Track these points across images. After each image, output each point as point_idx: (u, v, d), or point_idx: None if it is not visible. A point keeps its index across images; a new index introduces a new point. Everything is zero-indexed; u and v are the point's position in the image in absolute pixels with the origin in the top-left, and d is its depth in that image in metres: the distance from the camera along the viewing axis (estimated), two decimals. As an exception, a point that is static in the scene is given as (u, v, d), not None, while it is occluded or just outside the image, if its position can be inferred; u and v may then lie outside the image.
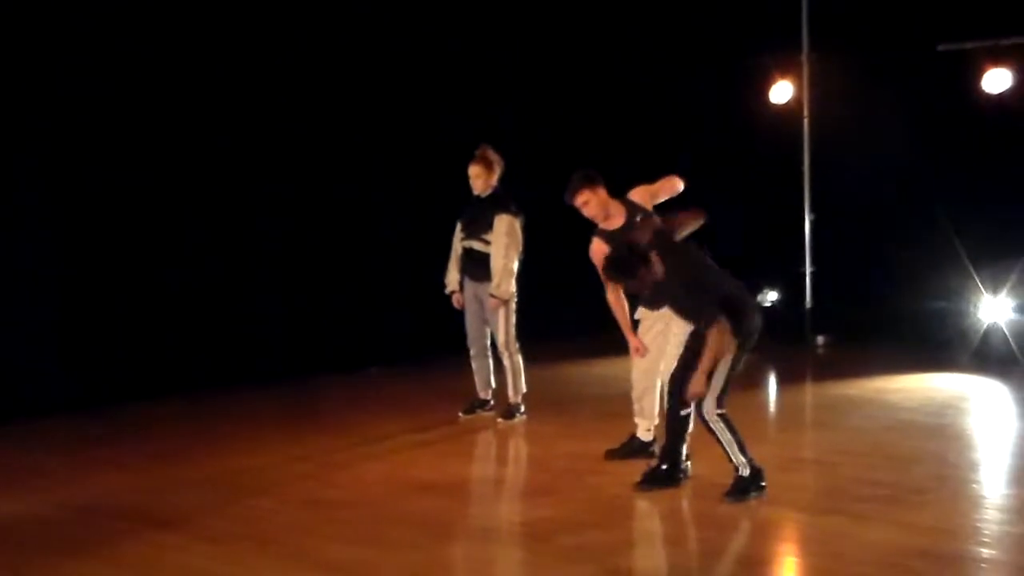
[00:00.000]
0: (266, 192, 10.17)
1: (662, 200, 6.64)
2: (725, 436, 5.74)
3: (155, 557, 4.96)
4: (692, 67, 13.25)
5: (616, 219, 6.49)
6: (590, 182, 6.44)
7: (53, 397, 8.52)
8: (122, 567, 4.84)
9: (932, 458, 6.77)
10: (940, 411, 8.41)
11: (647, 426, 6.77)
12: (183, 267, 9.53)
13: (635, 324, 6.60)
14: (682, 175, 6.61)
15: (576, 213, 6.53)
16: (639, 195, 6.63)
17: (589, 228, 6.60)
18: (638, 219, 6.42)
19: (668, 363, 6.33)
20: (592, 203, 6.42)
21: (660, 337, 6.48)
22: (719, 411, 5.76)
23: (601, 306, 6.59)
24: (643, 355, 6.57)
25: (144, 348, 9.25)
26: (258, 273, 10.15)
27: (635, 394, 6.74)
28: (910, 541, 4.96)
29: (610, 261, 5.81)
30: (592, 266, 6.35)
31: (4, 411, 8.12)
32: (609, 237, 6.39)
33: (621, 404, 8.90)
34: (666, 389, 6.29)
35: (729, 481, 5.75)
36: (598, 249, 6.35)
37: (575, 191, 6.41)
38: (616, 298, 6.50)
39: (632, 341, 6.57)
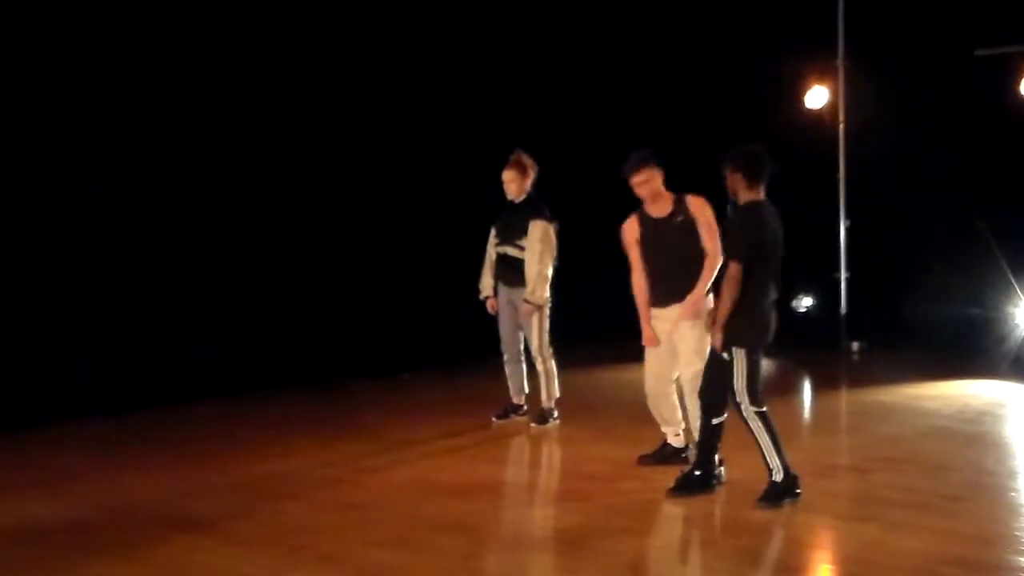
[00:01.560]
0: (299, 199, 10.23)
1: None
2: (763, 437, 5.73)
3: (186, 560, 4.98)
4: (727, 73, 13.21)
5: (662, 207, 6.52)
6: (652, 162, 6.53)
7: (87, 401, 8.60)
8: (153, 569, 4.86)
9: (969, 465, 6.71)
10: (977, 418, 8.34)
11: (675, 431, 6.74)
12: (216, 273, 9.60)
13: None
14: (718, 179, 6.56)
15: (611, 214, 6.56)
16: (697, 204, 6.60)
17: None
18: (680, 218, 6.47)
19: (683, 366, 6.38)
20: (650, 183, 6.48)
21: (667, 338, 6.48)
22: (756, 409, 5.74)
23: (634, 311, 6.58)
24: (654, 345, 6.52)
25: (177, 353, 9.32)
26: (290, 278, 10.21)
27: (649, 402, 6.72)
28: (946, 549, 4.91)
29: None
30: (621, 258, 6.39)
31: (39, 414, 8.20)
32: (646, 220, 6.51)
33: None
34: (687, 393, 6.29)
35: (763, 487, 5.72)
36: (630, 227, 6.53)
37: (637, 167, 6.47)
38: (640, 282, 6.50)
39: (645, 330, 6.55)
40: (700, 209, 6.56)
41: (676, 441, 6.75)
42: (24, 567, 4.92)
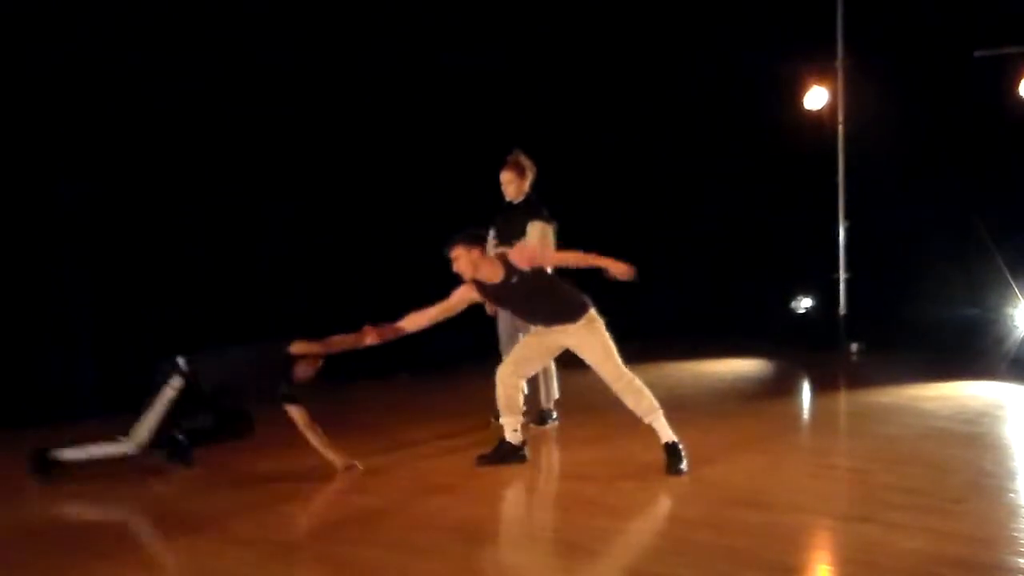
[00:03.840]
0: (296, 199, 10.23)
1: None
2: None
3: (187, 561, 4.98)
4: (726, 73, 13.23)
5: (494, 274, 6.70)
6: (466, 241, 6.66)
7: (88, 401, 8.60)
8: (155, 570, 4.87)
9: (968, 467, 6.70)
10: (976, 419, 8.33)
11: (514, 426, 6.92)
12: (216, 273, 9.60)
13: None
14: (717, 180, 6.60)
15: (611, 214, 6.59)
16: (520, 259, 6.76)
17: (635, 229, 6.63)
18: (515, 279, 6.67)
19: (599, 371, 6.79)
20: (462, 260, 6.66)
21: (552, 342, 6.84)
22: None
23: (634, 312, 6.60)
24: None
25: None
26: (288, 278, 10.20)
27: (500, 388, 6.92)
28: (945, 550, 4.90)
29: None
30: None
31: (39, 415, 8.20)
32: (485, 288, 6.74)
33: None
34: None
35: (760, 490, 5.71)
36: (468, 291, 6.77)
37: (450, 245, 6.69)
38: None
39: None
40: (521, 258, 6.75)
41: (514, 438, 6.87)
42: (25, 567, 4.92)
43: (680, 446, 6.51)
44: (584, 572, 4.78)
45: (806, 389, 10.57)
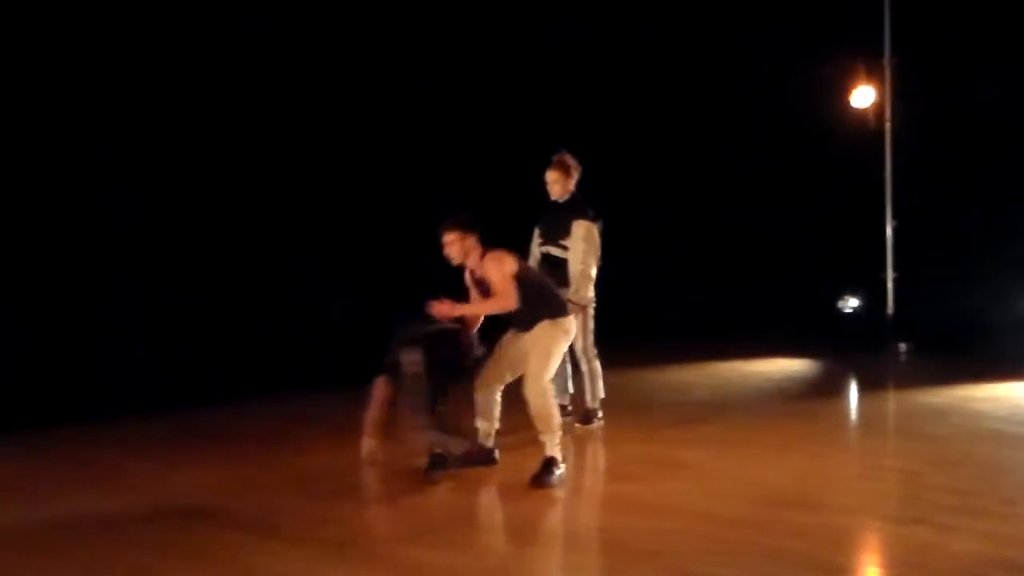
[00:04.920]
0: (341, 196, 10.28)
1: None
2: None
3: (236, 557, 5.00)
4: (774, 71, 13.15)
5: (475, 263, 6.70)
6: (463, 226, 6.64)
7: (134, 399, 8.70)
8: (204, 567, 4.89)
9: (1021, 468, 6.62)
10: (1029, 421, 8.22)
11: (488, 432, 6.89)
12: (265, 272, 9.68)
13: None
14: (764, 179, 6.55)
15: (661, 220, 6.56)
16: (486, 264, 6.69)
17: (683, 228, 6.59)
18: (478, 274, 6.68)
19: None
20: (456, 245, 6.63)
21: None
22: None
23: (679, 311, 6.55)
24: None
25: (227, 351, 9.40)
26: (338, 276, 10.26)
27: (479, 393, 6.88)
28: (998, 553, 4.84)
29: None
30: (661, 258, 6.43)
31: (87, 412, 8.31)
32: (472, 276, 6.79)
33: (700, 410, 8.90)
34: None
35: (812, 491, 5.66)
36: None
37: (446, 227, 6.66)
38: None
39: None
40: (486, 268, 6.66)
41: (488, 441, 6.84)
42: (73, 565, 4.97)
43: (558, 466, 6.42)
44: (630, 572, 4.76)
45: (854, 389, 10.47)
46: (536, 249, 8.11)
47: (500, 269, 6.57)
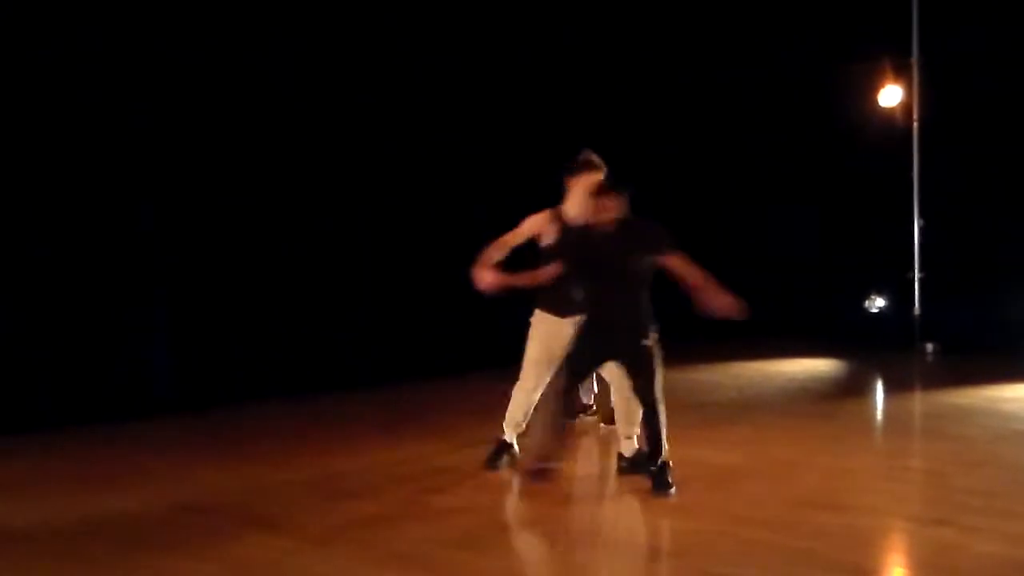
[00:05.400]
0: (366, 198, 10.32)
1: None
2: None
3: (256, 557, 5.03)
4: (801, 69, 13.11)
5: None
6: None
7: (159, 399, 8.77)
8: (224, 566, 4.90)
9: (1048, 470, 6.60)
10: (1056, 421, 8.19)
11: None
12: (285, 273, 9.71)
13: None
14: (789, 178, 6.55)
15: (687, 219, 6.56)
16: None
17: (709, 228, 6.58)
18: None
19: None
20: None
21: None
22: None
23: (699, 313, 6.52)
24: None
25: (248, 352, 9.44)
26: (360, 277, 10.30)
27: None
28: (1021, 554, 4.84)
29: None
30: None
31: (112, 412, 8.38)
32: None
33: (726, 410, 8.89)
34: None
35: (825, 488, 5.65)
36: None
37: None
38: None
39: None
40: None
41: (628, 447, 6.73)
42: (97, 564, 5.01)
43: (510, 450, 6.65)
44: (657, 573, 4.78)
45: (880, 390, 10.44)
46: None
47: None
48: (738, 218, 13.78)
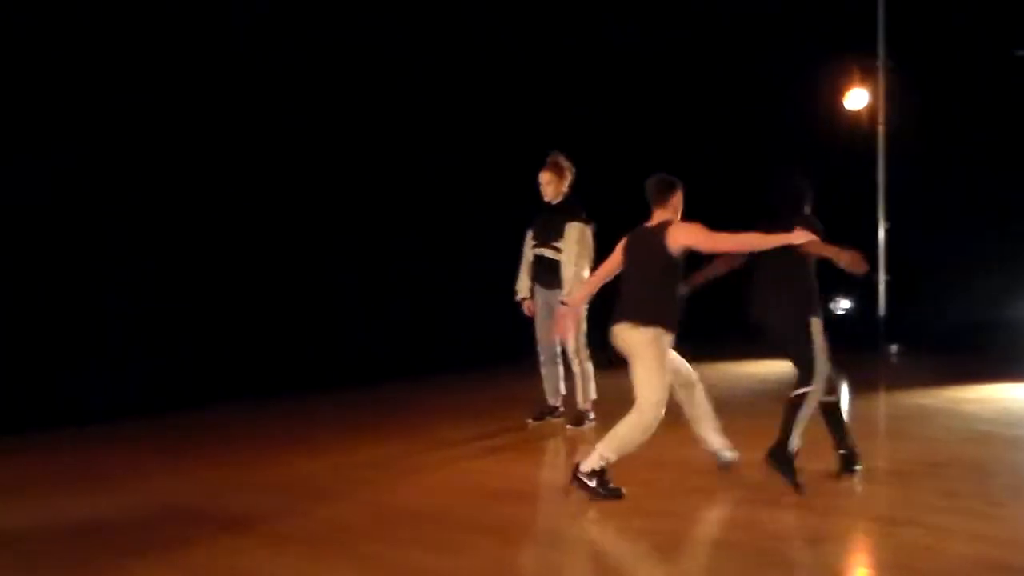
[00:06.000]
0: (335, 201, 10.28)
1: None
2: None
3: (222, 560, 5.00)
4: (767, 72, 13.18)
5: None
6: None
7: (125, 402, 8.70)
8: (189, 570, 4.88)
9: (1010, 470, 6.65)
10: (1018, 422, 8.26)
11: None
12: (250, 275, 9.68)
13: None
14: (755, 180, 6.61)
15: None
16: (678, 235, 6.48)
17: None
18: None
19: None
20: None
21: None
22: None
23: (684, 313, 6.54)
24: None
25: (212, 355, 9.39)
26: (322, 280, 10.26)
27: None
28: (987, 554, 4.86)
29: None
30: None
31: (76, 415, 8.31)
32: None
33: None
34: None
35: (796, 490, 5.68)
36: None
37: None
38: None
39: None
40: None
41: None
42: (61, 566, 4.97)
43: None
44: (621, 573, 4.77)
45: (845, 391, 10.49)
46: (529, 251, 8.12)
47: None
48: (703, 219, 13.80)
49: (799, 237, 6.07)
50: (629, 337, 6.20)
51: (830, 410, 6.42)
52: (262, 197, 9.71)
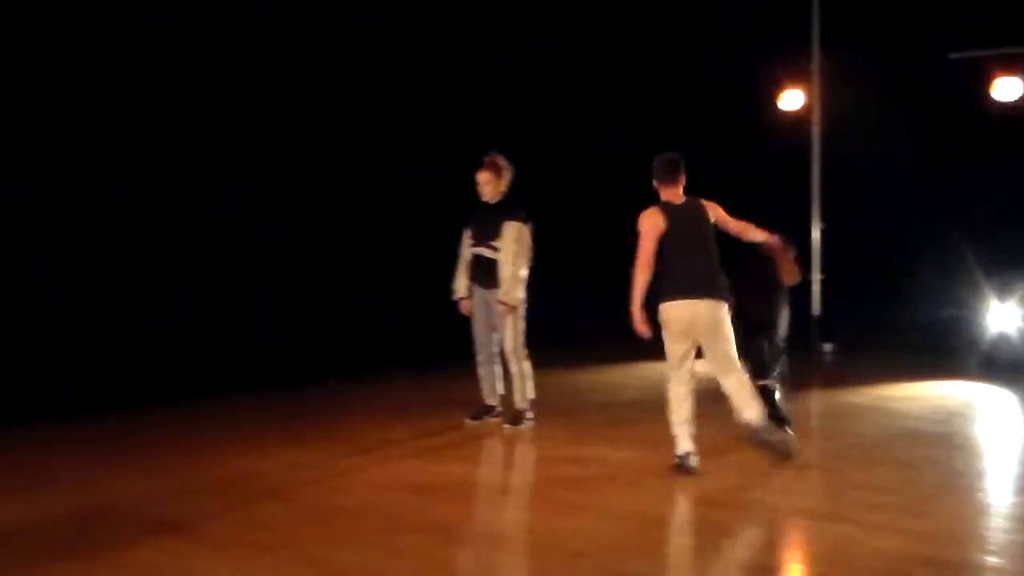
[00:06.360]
0: (267, 201, 10.20)
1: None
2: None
3: (161, 562, 4.95)
4: (702, 74, 13.28)
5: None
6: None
7: (63, 403, 8.57)
8: (128, 571, 4.84)
9: (939, 466, 6.76)
10: (947, 419, 8.41)
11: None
12: (185, 276, 9.57)
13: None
14: (691, 181, 6.68)
15: (587, 217, 6.62)
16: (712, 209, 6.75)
17: (602, 234, 6.64)
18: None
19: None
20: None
21: None
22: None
23: (609, 314, 6.60)
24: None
25: (149, 355, 9.28)
26: (260, 280, 10.18)
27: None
28: (916, 549, 4.95)
29: None
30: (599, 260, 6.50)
31: (15, 415, 8.18)
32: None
33: (630, 410, 8.97)
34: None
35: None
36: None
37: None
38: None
39: None
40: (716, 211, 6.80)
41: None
42: (-6, 569, 4.90)
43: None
44: (558, 572, 4.79)
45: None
46: (466, 251, 8.13)
47: (641, 225, 6.63)
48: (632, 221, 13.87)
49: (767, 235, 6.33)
50: (715, 314, 6.44)
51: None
52: (193, 195, 9.59)
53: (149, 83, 9.20)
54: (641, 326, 6.50)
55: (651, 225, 6.50)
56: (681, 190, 6.66)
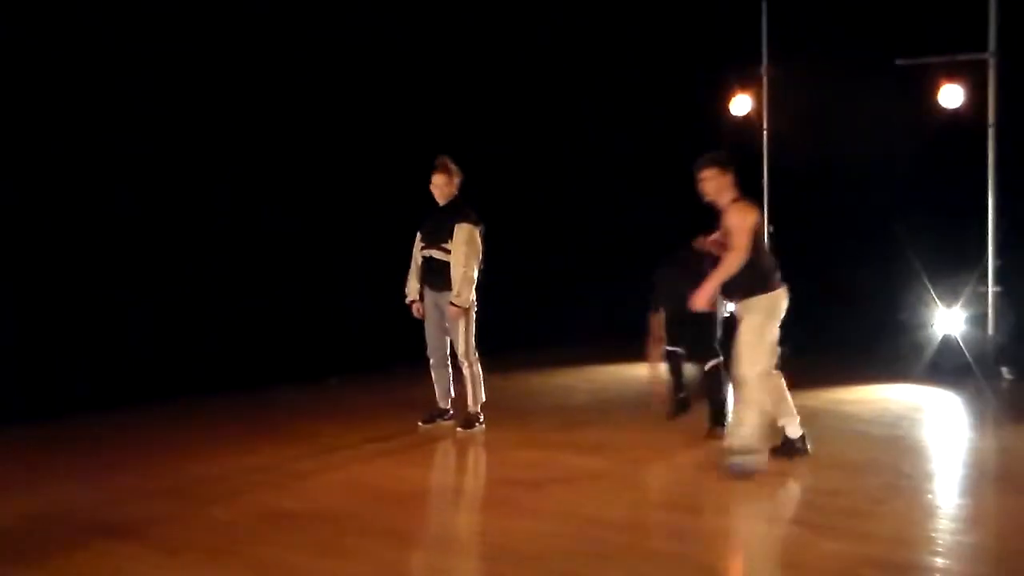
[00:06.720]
0: (226, 202, 10.11)
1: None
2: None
3: (110, 568, 4.89)
4: (651, 80, 13.33)
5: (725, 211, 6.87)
6: (721, 163, 6.88)
7: (8, 407, 8.43)
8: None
9: (887, 469, 6.83)
10: (895, 422, 8.50)
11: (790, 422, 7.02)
12: (138, 278, 9.45)
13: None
14: (639, 187, 6.73)
15: (537, 219, 6.62)
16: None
17: (550, 238, 6.64)
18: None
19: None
20: (712, 182, 6.86)
21: None
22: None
23: (564, 317, 6.61)
24: None
25: (100, 359, 9.16)
26: (213, 282, 10.07)
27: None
28: (865, 551, 5.00)
29: None
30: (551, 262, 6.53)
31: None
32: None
33: (582, 413, 8.99)
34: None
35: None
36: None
37: (703, 165, 6.87)
38: None
39: None
40: (731, 214, 6.87)
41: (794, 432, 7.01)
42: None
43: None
44: (511, 575, 4.79)
45: (731, 393, 10.67)
46: (418, 253, 8.11)
47: (743, 219, 6.70)
48: (591, 223, 13.93)
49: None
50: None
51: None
52: (151, 197, 9.48)
53: (145, 81, 9.09)
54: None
55: (757, 218, 6.81)
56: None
